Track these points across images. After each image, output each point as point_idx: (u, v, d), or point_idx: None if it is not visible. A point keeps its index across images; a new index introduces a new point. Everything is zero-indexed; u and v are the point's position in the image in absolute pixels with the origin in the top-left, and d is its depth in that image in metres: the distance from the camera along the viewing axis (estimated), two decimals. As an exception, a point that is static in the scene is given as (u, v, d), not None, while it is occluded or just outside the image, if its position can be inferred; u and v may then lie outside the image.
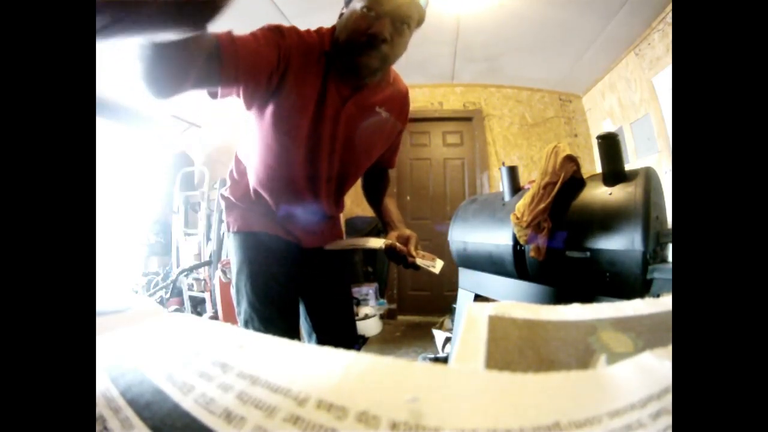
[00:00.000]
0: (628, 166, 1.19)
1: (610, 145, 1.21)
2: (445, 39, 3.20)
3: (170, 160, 3.86)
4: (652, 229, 1.04)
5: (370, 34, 0.94)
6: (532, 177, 3.42)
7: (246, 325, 1.10)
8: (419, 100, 3.94)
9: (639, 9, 2.59)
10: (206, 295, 3.26)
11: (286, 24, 1.00)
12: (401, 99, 1.20)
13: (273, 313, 1.11)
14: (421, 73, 3.79)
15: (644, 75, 2.83)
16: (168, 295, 3.25)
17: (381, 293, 3.62)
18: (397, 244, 1.05)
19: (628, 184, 1.12)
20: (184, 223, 3.63)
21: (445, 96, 3.97)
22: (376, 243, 1.08)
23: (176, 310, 3.34)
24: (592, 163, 3.63)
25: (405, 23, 0.97)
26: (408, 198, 3.95)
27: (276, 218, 1.15)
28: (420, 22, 1.03)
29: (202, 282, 3.32)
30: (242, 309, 1.11)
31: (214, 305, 3.13)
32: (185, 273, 3.25)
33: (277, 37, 0.96)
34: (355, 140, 1.10)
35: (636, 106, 3.00)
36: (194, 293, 3.39)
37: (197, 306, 3.41)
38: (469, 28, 3.04)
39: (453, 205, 3.62)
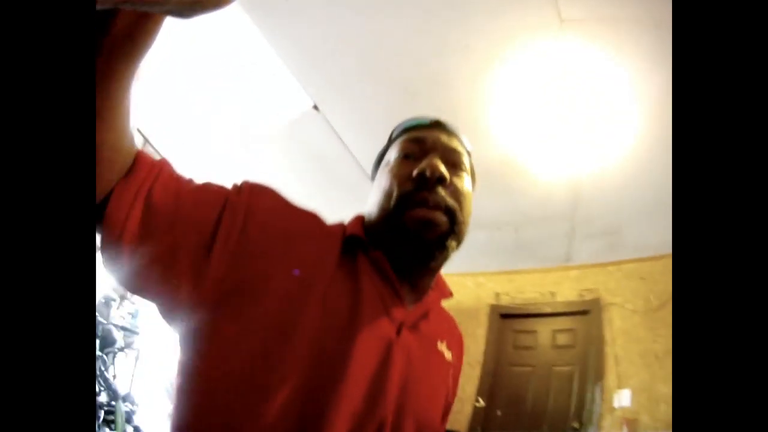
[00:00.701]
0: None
1: None
2: (562, 212, 2.85)
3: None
4: None
5: (419, 175, 0.63)
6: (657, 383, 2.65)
7: None
8: (527, 291, 3.37)
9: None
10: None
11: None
12: (455, 330, 0.80)
13: None
14: (532, 256, 3.33)
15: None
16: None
17: None
18: None
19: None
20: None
21: (558, 283, 3.32)
22: None
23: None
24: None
25: (459, 162, 0.69)
26: (498, 413, 3.03)
27: None
28: (473, 173, 0.75)
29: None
30: None
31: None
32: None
33: (229, 192, 0.57)
34: (414, 400, 0.61)
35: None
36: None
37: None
38: (588, 197, 2.67)
39: (552, 425, 2.84)
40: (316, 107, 2.40)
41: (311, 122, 2.47)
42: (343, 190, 2.92)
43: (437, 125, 0.73)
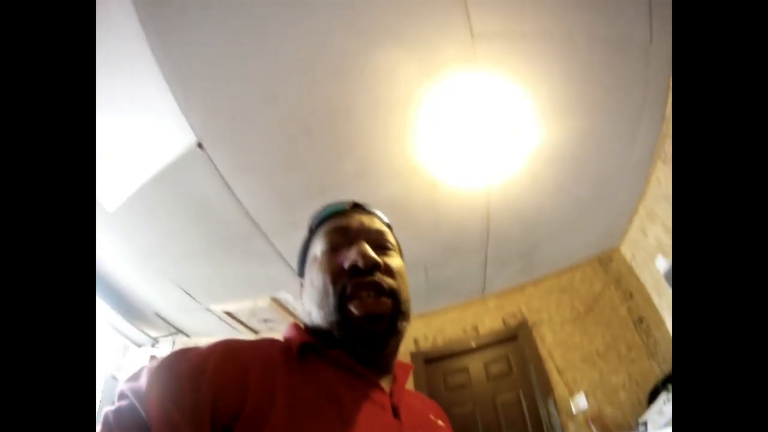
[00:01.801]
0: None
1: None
2: (474, 244, 2.80)
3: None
4: None
5: (351, 265, 0.62)
6: (600, 379, 2.72)
7: None
8: (448, 330, 3.23)
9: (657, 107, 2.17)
10: None
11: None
12: (429, 401, 0.78)
13: None
14: (447, 294, 3.22)
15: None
16: None
17: None
18: None
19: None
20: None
21: (478, 316, 3.23)
22: None
23: None
24: (658, 318, 2.76)
25: (385, 242, 0.70)
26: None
27: None
28: (399, 247, 0.76)
29: None
30: None
31: None
32: None
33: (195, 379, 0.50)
34: None
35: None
36: None
37: None
38: (499, 222, 2.66)
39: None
40: (200, 145, 2.06)
41: (195, 162, 2.10)
42: (230, 243, 2.52)
43: (355, 207, 0.73)
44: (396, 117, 2.03)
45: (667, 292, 2.52)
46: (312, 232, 0.74)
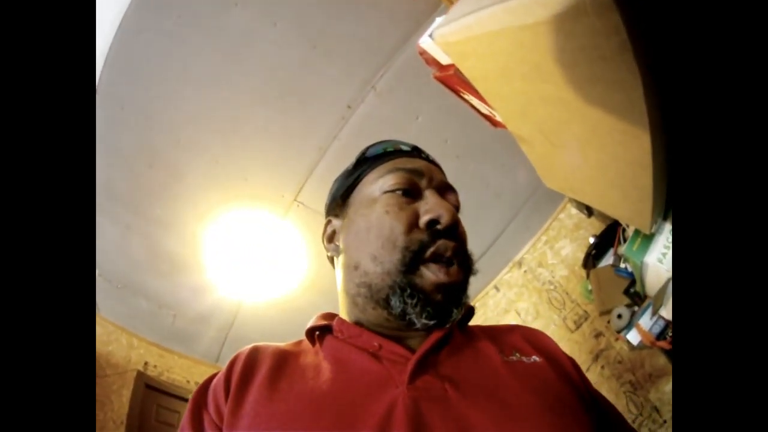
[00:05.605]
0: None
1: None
2: (221, 323, 3.28)
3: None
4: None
5: (432, 219, 0.54)
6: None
7: None
8: (175, 372, 3.57)
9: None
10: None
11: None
12: (531, 336, 0.62)
13: None
14: (185, 345, 3.60)
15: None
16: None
17: None
18: None
19: None
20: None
21: (203, 375, 3.54)
22: None
23: None
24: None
25: (457, 201, 0.62)
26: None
27: None
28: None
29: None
30: None
31: None
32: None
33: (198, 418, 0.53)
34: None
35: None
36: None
37: None
38: (246, 318, 3.19)
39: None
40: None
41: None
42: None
43: (419, 152, 0.63)
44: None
45: None
46: (361, 165, 0.61)
